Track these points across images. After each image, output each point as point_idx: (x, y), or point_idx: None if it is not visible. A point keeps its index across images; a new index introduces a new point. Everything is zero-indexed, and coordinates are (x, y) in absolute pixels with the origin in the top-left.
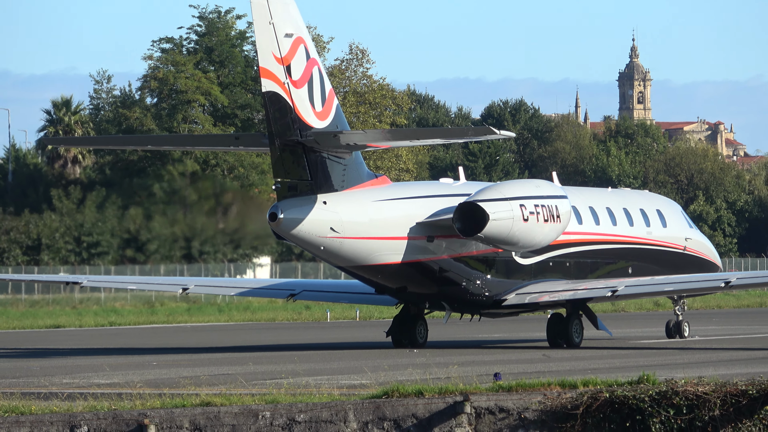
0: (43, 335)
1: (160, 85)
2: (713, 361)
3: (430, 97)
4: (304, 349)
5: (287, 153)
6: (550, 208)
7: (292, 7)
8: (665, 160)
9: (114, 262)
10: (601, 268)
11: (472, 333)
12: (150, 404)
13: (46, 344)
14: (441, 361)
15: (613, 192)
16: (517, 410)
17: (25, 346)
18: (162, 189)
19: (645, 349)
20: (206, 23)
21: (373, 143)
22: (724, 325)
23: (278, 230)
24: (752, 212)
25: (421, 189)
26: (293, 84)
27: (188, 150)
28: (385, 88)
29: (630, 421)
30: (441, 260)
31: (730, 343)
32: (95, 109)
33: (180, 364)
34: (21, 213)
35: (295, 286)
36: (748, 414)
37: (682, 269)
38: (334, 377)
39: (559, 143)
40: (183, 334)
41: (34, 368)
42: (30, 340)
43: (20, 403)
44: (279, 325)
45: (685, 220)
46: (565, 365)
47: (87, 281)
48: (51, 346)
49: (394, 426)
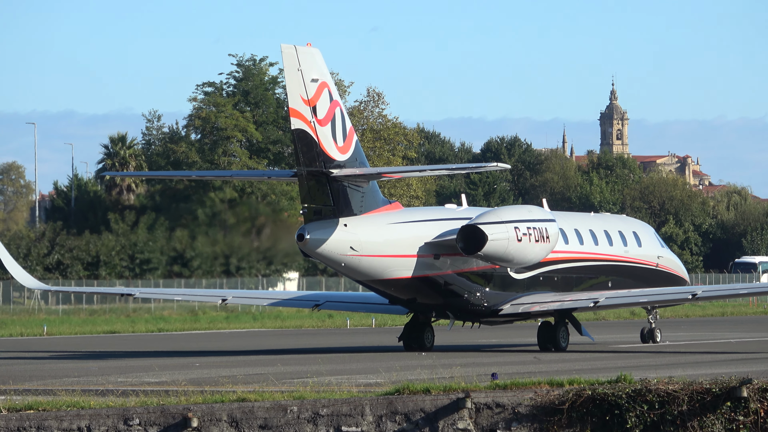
0: (101, 340)
1: (203, 123)
2: (681, 363)
3: (437, 133)
4: (326, 352)
5: (313, 182)
6: (541, 230)
7: (318, 56)
8: (640, 188)
9: (162, 276)
10: (584, 282)
11: (472, 338)
12: (193, 400)
13: (103, 348)
14: (445, 362)
15: (595, 216)
16: (512, 405)
17: (85, 350)
18: (204, 213)
19: (622, 353)
20: (243, 70)
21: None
22: (691, 332)
23: (305, 249)
24: (716, 234)
25: (429, 213)
26: (318, 122)
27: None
28: (398, 126)
29: (609, 415)
30: (446, 275)
31: (696, 347)
32: (147, 143)
33: (219, 365)
34: (82, 234)
35: (320, 297)
36: (712, 409)
37: (654, 283)
38: (353, 376)
39: (548, 174)
40: (222, 339)
41: (93, 368)
42: (89, 345)
43: (80, 398)
44: (305, 331)
45: (657, 241)
46: (553, 366)
47: (139, 293)
48: (107, 350)
49: (405, 419)
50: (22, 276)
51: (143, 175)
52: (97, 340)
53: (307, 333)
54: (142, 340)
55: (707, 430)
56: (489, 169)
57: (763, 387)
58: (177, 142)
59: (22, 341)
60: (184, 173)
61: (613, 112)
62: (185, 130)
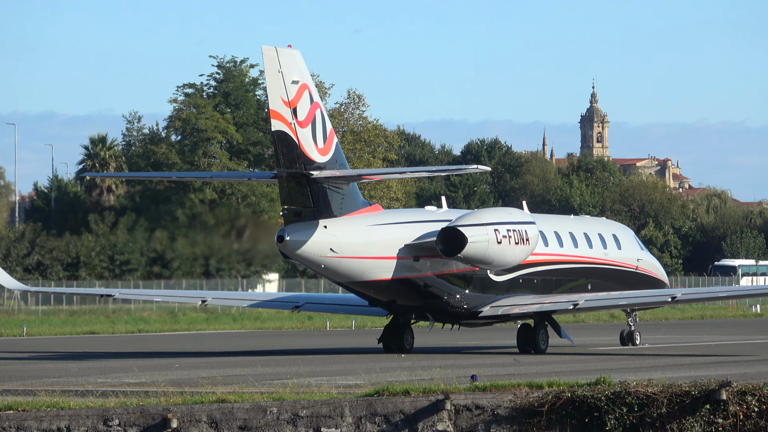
0: (81, 341)
1: (183, 124)
2: (661, 366)
3: (418, 135)
4: (306, 354)
5: (293, 184)
6: (521, 233)
7: (298, 58)
8: (620, 191)
9: (142, 277)
10: (564, 284)
11: (452, 340)
12: (173, 401)
13: (83, 348)
14: (425, 364)
15: (575, 219)
16: (491, 407)
17: (65, 350)
18: (184, 214)
19: (602, 355)
20: (224, 71)
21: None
22: (671, 335)
23: (285, 250)
24: (695, 237)
25: (409, 215)
26: (299, 124)
27: (208, 181)
28: (378, 128)
29: (589, 417)
30: (426, 277)
31: (676, 350)
32: (127, 145)
33: (199, 366)
34: (62, 234)
35: (299, 299)
36: (692, 412)
37: (634, 286)
38: (333, 378)
39: (528, 176)
40: (202, 340)
41: (73, 369)
42: (69, 345)
43: (60, 399)
44: (285, 332)
45: (637, 244)
46: (533, 369)
47: (119, 294)
48: (87, 350)
49: (385, 421)
50: (2, 276)
51: (123, 176)
52: (76, 341)
53: (286, 334)
54: (121, 341)
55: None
56: (469, 171)
57: (743, 390)
58: (157, 143)
59: (1, 342)
60: (165, 174)
61: (593, 115)
62: (165, 131)
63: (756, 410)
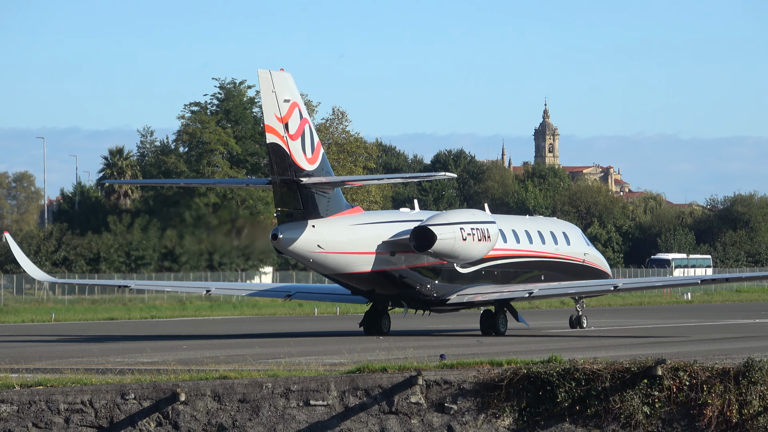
0: (101, 326)
1: (190, 137)
2: (605, 346)
3: (394, 147)
4: (297, 336)
5: (285, 189)
6: (483, 231)
7: (290, 80)
8: (569, 195)
9: (155, 270)
10: (521, 275)
11: (423, 324)
12: (181, 377)
13: (103, 332)
14: (400, 345)
15: (530, 218)
16: (458, 382)
17: (87, 334)
18: (191, 216)
19: (553, 337)
20: (225, 91)
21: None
22: (613, 319)
23: (278, 247)
24: (634, 234)
25: (386, 216)
26: (290, 137)
27: (211, 187)
28: (359, 141)
29: (542, 391)
30: (401, 270)
31: (618, 332)
32: (141, 155)
33: (204, 347)
34: (85, 234)
35: (291, 289)
36: (631, 386)
37: (581, 277)
38: (320, 357)
39: (489, 182)
40: (206, 325)
41: (94, 350)
42: (91, 330)
43: (83, 376)
44: (279, 318)
45: (584, 240)
46: (494, 348)
47: (134, 285)
48: (107, 334)
49: (365, 394)
50: (33, 270)
51: (138, 183)
52: (97, 326)
53: (280, 320)
54: (136, 325)
55: (627, 404)
56: (438, 178)
57: (676, 366)
58: (167, 154)
59: (32, 327)
60: (174, 181)
61: (545, 129)
62: (174, 143)
63: (687, 384)
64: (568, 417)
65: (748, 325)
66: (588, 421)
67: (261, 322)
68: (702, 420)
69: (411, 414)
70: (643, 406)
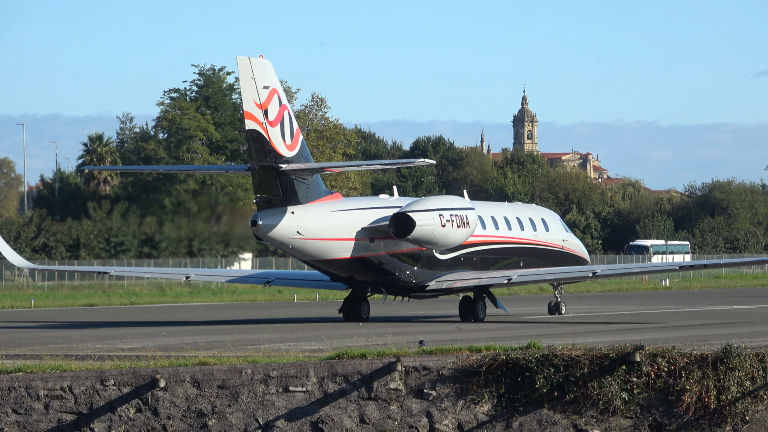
0: (81, 312)
1: (169, 124)
2: (583, 332)
3: (373, 133)
4: (276, 323)
5: (265, 175)
6: (462, 217)
7: (269, 66)
8: (548, 181)
9: (134, 257)
10: (499, 262)
11: (402, 311)
12: (161, 363)
13: (82, 318)
14: (379, 331)
15: (508, 205)
16: (437, 368)
17: (67, 320)
18: (170, 202)
19: (532, 323)
20: (204, 78)
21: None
22: (591, 305)
23: (258, 233)
24: (613, 220)
25: (365, 202)
26: (269, 124)
27: (191, 173)
28: (339, 127)
29: (521, 377)
30: (380, 256)
31: (596, 318)
32: (121, 142)
33: (183, 333)
34: (65, 220)
35: (270, 275)
36: (610, 372)
37: (560, 263)
38: (299, 343)
39: (468, 169)
40: (185, 311)
41: (74, 336)
42: (71, 316)
43: (63, 362)
44: (258, 304)
45: (562, 226)
46: (473, 335)
47: (114, 271)
48: (86, 320)
49: (344, 380)
50: (13, 256)
51: (118, 169)
52: (77, 312)
53: (259, 306)
54: (116, 312)
55: (605, 390)
56: (417, 164)
57: (654, 353)
58: (147, 140)
59: (12, 313)
60: (153, 167)
61: (524, 116)
62: (154, 130)
63: (665, 370)
64: (547, 403)
65: (726, 311)
66: (566, 407)
67: (240, 308)
68: (680, 406)
69: (390, 400)
70: (621, 392)
